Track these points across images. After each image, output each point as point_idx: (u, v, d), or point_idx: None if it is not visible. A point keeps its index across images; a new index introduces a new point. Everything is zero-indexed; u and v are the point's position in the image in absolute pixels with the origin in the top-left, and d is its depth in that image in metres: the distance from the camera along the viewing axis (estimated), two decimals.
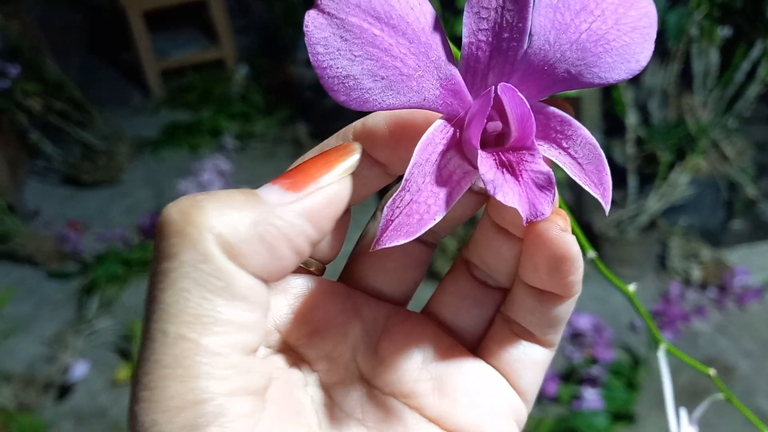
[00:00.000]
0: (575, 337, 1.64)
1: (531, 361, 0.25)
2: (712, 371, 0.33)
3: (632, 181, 1.93)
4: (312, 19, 0.19)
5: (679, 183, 1.85)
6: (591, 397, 1.42)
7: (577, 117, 0.21)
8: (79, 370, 1.64)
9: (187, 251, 0.19)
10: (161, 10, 3.21)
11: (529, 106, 0.19)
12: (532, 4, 0.19)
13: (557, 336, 0.25)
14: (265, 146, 2.87)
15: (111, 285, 2.03)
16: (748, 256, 1.91)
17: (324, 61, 0.19)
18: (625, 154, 1.97)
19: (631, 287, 0.32)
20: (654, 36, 0.21)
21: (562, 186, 2.16)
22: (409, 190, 0.20)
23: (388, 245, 0.20)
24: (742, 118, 1.93)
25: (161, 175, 2.66)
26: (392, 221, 0.20)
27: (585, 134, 0.21)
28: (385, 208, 0.20)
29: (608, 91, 1.95)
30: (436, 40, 0.20)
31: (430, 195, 0.20)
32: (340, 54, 0.19)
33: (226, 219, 0.19)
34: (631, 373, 1.53)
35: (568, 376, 1.57)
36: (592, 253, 0.28)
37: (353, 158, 0.21)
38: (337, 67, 0.19)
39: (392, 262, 0.25)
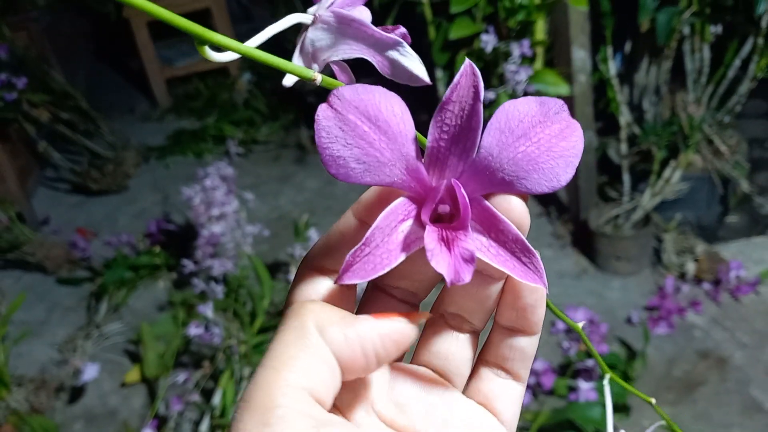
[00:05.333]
0: (571, 331, 1.67)
1: (511, 393, 0.31)
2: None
3: (626, 178, 1.96)
4: (323, 111, 0.25)
5: (673, 179, 1.87)
6: (586, 388, 1.45)
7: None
8: (90, 372, 1.69)
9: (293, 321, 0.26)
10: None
11: (467, 201, 0.26)
12: (481, 128, 0.25)
13: (527, 371, 0.31)
14: (269, 151, 2.91)
15: (119, 290, 2.07)
16: (744, 250, 1.93)
17: (324, 143, 0.25)
18: (620, 152, 2.00)
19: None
20: (576, 164, 0.26)
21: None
22: (369, 246, 0.26)
23: (346, 282, 0.26)
24: (734, 113, 1.96)
25: (167, 182, 2.71)
26: (352, 266, 0.26)
27: (512, 228, 0.27)
28: (348, 255, 0.25)
29: (601, 91, 1.98)
30: (409, 141, 0.26)
31: (385, 251, 0.26)
32: (336, 140, 0.25)
33: (323, 314, 0.26)
34: (627, 366, 1.56)
35: (563, 369, 1.60)
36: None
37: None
38: (333, 149, 0.25)
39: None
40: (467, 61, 0.25)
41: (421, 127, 0.26)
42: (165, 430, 1.56)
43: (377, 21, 0.28)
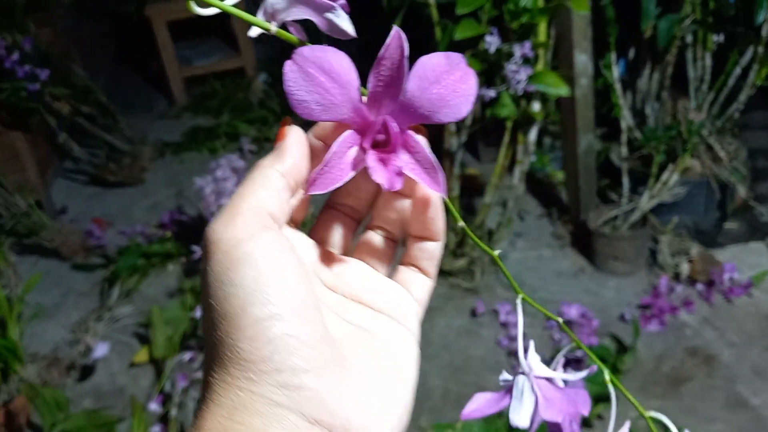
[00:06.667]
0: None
1: (421, 283, 0.40)
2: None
3: (626, 181, 2.01)
4: (289, 66, 0.33)
5: (670, 182, 1.92)
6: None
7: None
8: (100, 350, 1.76)
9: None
10: (185, 21, 3.34)
11: (396, 131, 0.35)
12: (406, 77, 0.34)
13: (435, 269, 0.41)
14: None
15: (132, 276, 2.15)
16: (739, 254, 1.98)
17: (292, 90, 0.33)
18: (620, 156, 2.05)
19: (497, 251, 0.44)
20: (472, 100, 0.34)
21: (561, 187, 2.24)
22: (327, 166, 0.35)
23: (311, 192, 0.35)
24: (734, 120, 2.00)
25: (181, 177, 2.78)
26: (315, 180, 0.35)
27: (425, 151, 0.35)
28: (312, 173, 0.35)
29: (605, 97, 2.04)
30: (354, 88, 0.34)
31: (338, 170, 0.35)
32: (300, 87, 0.33)
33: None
34: (617, 359, 1.61)
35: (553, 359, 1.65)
36: (461, 223, 0.41)
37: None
38: (298, 94, 0.33)
39: (337, 228, 0.41)
40: (395, 27, 0.33)
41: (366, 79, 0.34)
42: (170, 405, 1.62)
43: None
